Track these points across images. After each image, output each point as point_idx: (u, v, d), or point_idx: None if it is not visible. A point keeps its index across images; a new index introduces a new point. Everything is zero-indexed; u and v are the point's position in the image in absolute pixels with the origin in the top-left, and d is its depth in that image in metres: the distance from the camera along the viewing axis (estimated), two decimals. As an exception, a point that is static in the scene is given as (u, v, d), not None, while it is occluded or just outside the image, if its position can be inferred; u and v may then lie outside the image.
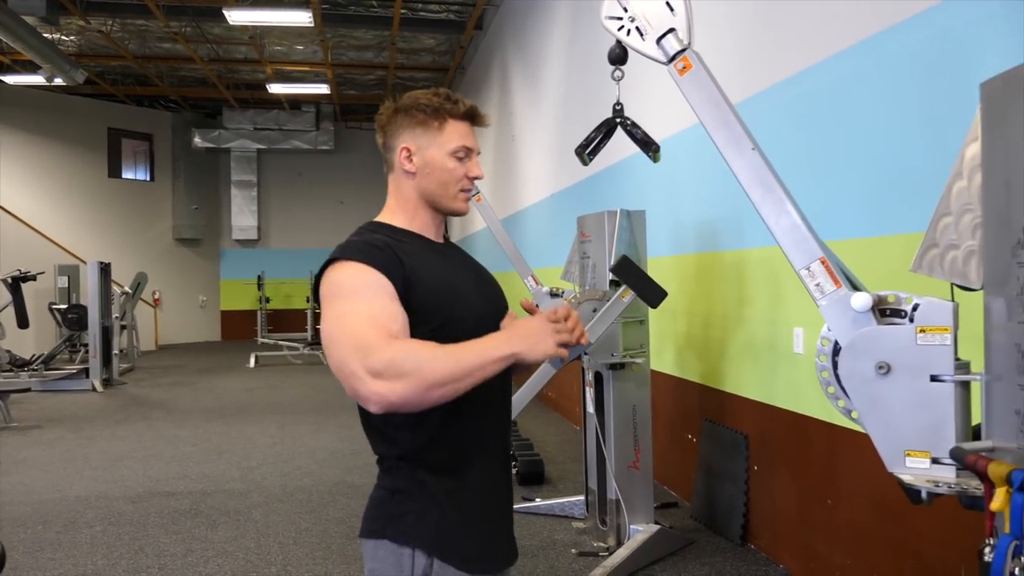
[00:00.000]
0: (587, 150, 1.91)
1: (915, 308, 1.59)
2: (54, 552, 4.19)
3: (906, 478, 1.55)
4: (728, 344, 4.36)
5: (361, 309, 1.39)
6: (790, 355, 3.68)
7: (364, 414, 1.52)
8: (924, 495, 1.54)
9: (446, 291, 1.52)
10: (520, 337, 1.38)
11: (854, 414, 1.67)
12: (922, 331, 1.56)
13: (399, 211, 1.61)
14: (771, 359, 3.89)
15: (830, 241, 3.25)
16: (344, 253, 1.47)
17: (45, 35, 10.73)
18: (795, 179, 3.56)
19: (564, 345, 1.40)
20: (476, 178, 1.60)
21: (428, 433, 1.48)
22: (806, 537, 3.62)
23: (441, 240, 1.65)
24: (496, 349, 1.36)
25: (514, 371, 1.51)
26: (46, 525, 4.64)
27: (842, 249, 3.23)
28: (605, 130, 1.95)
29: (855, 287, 1.70)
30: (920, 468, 1.56)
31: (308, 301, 15.45)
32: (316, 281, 1.50)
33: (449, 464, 1.50)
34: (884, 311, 1.65)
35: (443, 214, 1.63)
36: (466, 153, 1.59)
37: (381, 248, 1.48)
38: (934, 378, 1.54)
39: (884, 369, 1.58)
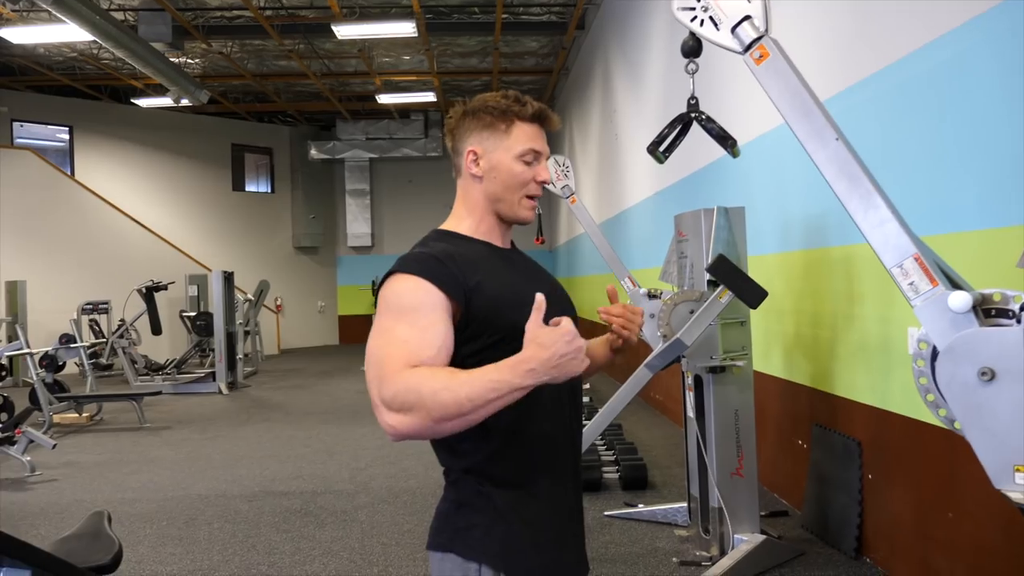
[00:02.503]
0: (660, 147, 1.83)
1: (1023, 307, 1.44)
2: (175, 547, 4.43)
3: (1015, 496, 1.41)
4: (838, 345, 4.13)
5: (399, 331, 1.37)
6: (904, 356, 3.44)
7: None
8: (1037, 516, 1.38)
9: (510, 299, 1.46)
10: (544, 364, 1.25)
11: (956, 424, 1.53)
12: (1031, 333, 1.41)
13: (467, 216, 1.57)
14: (884, 361, 3.66)
15: (946, 234, 3.05)
16: (404, 266, 1.44)
17: (172, 60, 11.44)
18: (905, 168, 3.34)
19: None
20: (543, 182, 1.55)
21: (493, 446, 1.44)
22: (926, 552, 3.37)
23: (508, 247, 1.62)
24: (514, 379, 1.25)
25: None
26: (170, 521, 4.91)
27: (959, 242, 3.00)
28: (680, 126, 1.86)
29: (955, 285, 1.55)
30: (1032, 485, 1.41)
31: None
32: (378, 292, 1.50)
33: (515, 477, 1.46)
34: (988, 311, 1.50)
35: (507, 222, 1.58)
36: (534, 156, 1.53)
37: (443, 261, 1.44)
38: (1046, 385, 1.39)
39: (988, 375, 1.43)
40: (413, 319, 1.38)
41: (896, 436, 3.57)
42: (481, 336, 1.43)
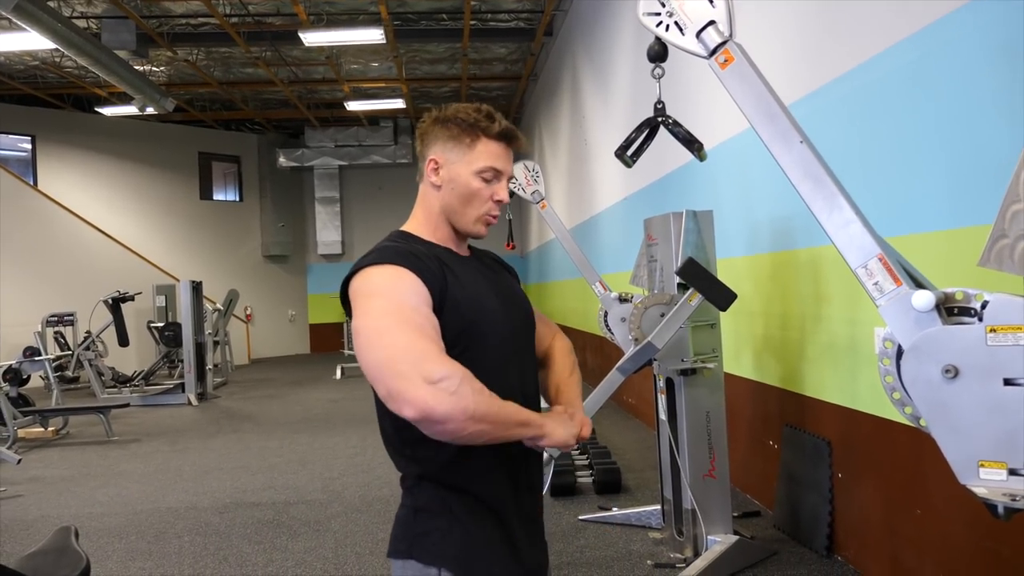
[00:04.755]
0: (628, 151, 1.84)
1: (984, 306, 1.47)
2: (144, 562, 4.35)
3: (979, 491, 1.43)
4: (807, 346, 4.18)
5: (408, 314, 1.35)
6: (871, 356, 3.49)
7: (384, 433, 1.51)
8: (1001, 510, 1.41)
9: (474, 306, 1.49)
10: (558, 425, 1.44)
11: (922, 421, 1.56)
12: (992, 331, 1.44)
13: (424, 222, 1.59)
14: (852, 361, 3.71)
15: (912, 235, 3.10)
16: (383, 257, 1.44)
17: (136, 67, 11.29)
18: (872, 170, 3.40)
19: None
20: (501, 202, 1.55)
21: (449, 453, 1.43)
22: (895, 549, 3.42)
23: (466, 252, 1.62)
24: (533, 416, 1.39)
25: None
26: (139, 535, 4.83)
27: (924, 243, 3.06)
28: (647, 130, 1.88)
29: (919, 284, 1.58)
30: (995, 480, 1.43)
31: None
32: (346, 285, 1.47)
33: (470, 483, 1.46)
34: (951, 310, 1.53)
35: (460, 234, 1.59)
36: (494, 175, 1.54)
37: (420, 257, 1.46)
38: (1008, 382, 1.42)
39: (951, 373, 1.46)
40: (414, 304, 1.38)
41: (864, 435, 3.62)
42: (445, 334, 1.42)
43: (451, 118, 1.55)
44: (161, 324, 13.03)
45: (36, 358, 9.40)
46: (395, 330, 1.33)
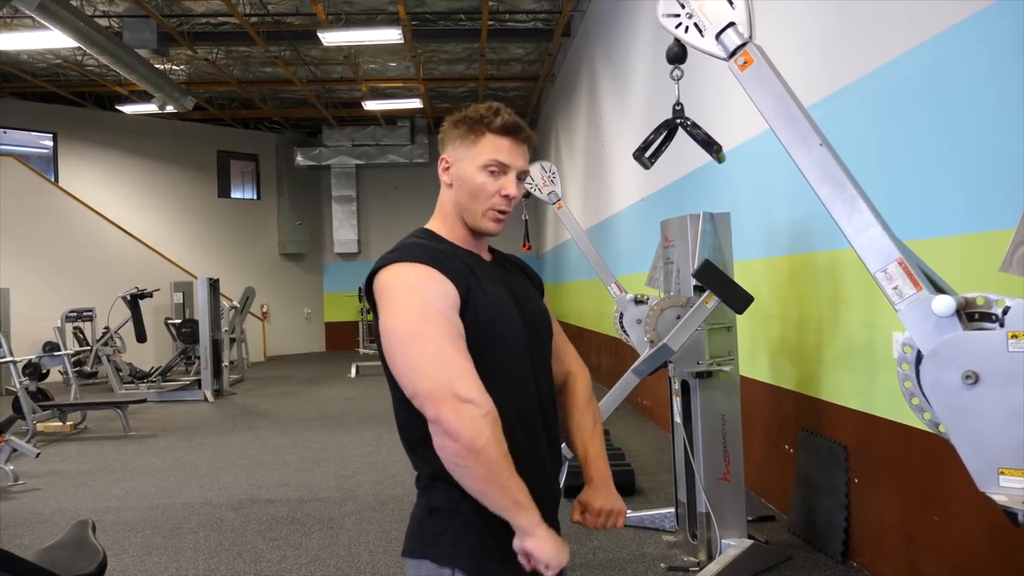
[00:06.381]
0: (646, 153, 1.84)
1: (1006, 311, 1.45)
2: (160, 556, 4.39)
3: (999, 499, 1.42)
4: (824, 349, 4.15)
5: (441, 321, 1.38)
6: (889, 360, 3.46)
7: (403, 432, 1.51)
8: (1021, 518, 1.40)
9: (493, 310, 1.49)
10: (551, 538, 1.40)
11: (941, 428, 1.55)
12: (1014, 336, 1.42)
13: (442, 222, 1.60)
14: (869, 365, 3.68)
15: (930, 239, 3.07)
16: (412, 255, 1.45)
17: (157, 66, 11.39)
18: (890, 173, 3.37)
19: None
20: (508, 196, 1.54)
21: None
22: (912, 556, 3.39)
23: (487, 255, 1.62)
24: (533, 509, 1.39)
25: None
26: (155, 530, 4.87)
27: (944, 247, 3.03)
28: (665, 132, 1.87)
29: (939, 289, 1.57)
30: (1016, 488, 1.42)
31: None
32: (371, 280, 1.48)
33: None
34: (972, 315, 1.52)
35: (476, 234, 1.59)
36: (499, 168, 1.53)
37: (448, 256, 1.47)
38: (1029, 388, 1.40)
39: (972, 379, 1.45)
40: (445, 310, 1.40)
41: (881, 440, 3.59)
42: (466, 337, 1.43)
43: (462, 118, 1.57)
44: (178, 321, 13.14)
45: (55, 353, 9.50)
46: (432, 338, 1.36)
